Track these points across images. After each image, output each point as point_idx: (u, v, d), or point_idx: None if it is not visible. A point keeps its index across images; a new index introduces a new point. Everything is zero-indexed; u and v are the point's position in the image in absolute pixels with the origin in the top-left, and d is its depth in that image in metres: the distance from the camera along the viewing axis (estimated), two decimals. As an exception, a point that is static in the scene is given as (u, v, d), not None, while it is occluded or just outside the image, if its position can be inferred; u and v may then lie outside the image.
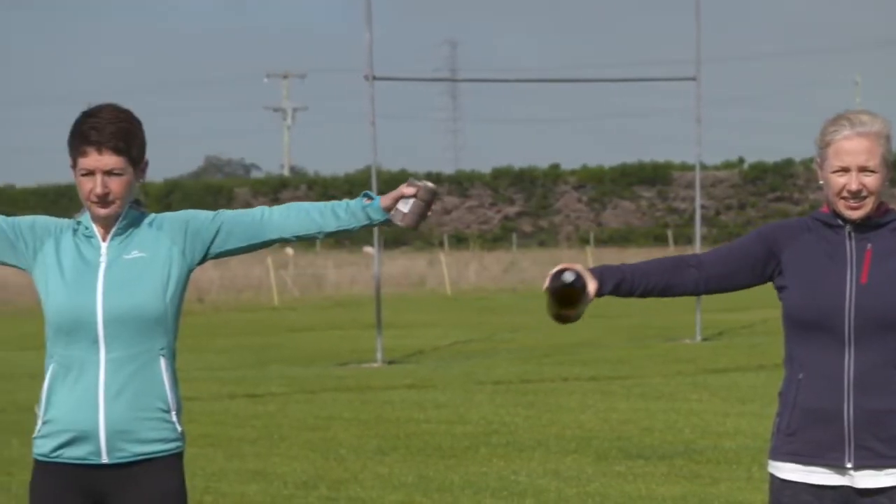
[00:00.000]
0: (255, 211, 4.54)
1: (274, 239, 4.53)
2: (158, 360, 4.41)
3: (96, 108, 4.39)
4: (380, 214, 4.50)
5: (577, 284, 4.37)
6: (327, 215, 4.51)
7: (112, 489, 4.38)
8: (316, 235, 4.52)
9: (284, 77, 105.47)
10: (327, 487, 10.22)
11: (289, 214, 4.52)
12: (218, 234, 4.49)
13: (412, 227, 4.51)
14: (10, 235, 4.45)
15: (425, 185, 4.49)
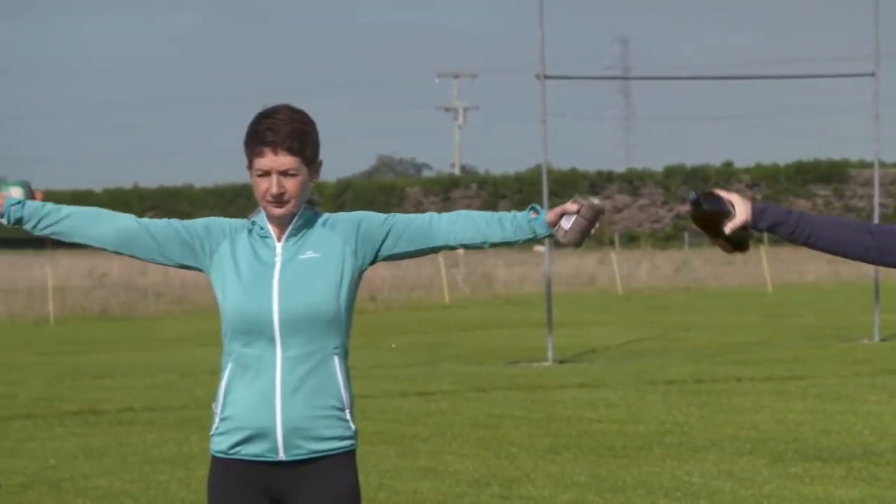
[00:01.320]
0: (425, 217, 4.55)
1: (440, 246, 4.54)
2: (333, 358, 4.44)
3: (272, 109, 4.43)
4: (544, 229, 4.47)
5: (700, 203, 4.27)
6: (493, 226, 4.51)
7: (288, 486, 4.43)
8: (481, 245, 4.52)
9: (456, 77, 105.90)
10: (499, 486, 10.23)
11: (456, 222, 4.52)
12: (388, 237, 4.52)
13: (574, 245, 4.47)
14: (187, 239, 4.51)
15: (590, 203, 4.45)
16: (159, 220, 4.56)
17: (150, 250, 4.51)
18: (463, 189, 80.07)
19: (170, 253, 4.51)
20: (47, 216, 4.51)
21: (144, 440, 12.81)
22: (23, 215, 4.49)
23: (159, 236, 4.51)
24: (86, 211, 4.55)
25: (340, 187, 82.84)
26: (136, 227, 4.52)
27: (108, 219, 4.53)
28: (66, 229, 4.51)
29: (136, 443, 12.67)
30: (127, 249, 4.51)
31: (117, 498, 10.07)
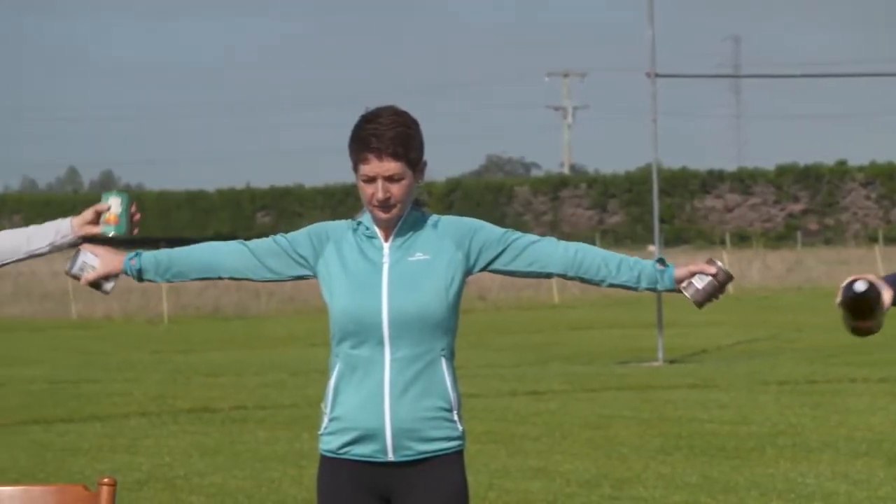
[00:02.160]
0: (545, 242, 4.52)
1: (555, 274, 4.52)
2: (440, 360, 4.45)
3: (375, 114, 4.42)
4: (670, 285, 4.45)
5: (869, 294, 4.22)
6: (612, 268, 4.47)
7: (397, 486, 4.44)
8: (597, 284, 4.51)
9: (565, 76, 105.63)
10: (610, 486, 10.19)
11: (576, 255, 4.49)
12: (503, 253, 4.50)
13: (699, 306, 4.48)
14: (291, 252, 4.53)
15: (725, 270, 4.46)
16: (263, 240, 4.59)
17: (260, 272, 4.55)
18: (572, 188, 79.82)
19: (279, 269, 4.55)
20: (161, 262, 4.59)
21: (256, 438, 12.93)
22: (141, 266, 4.58)
23: (266, 256, 4.55)
24: (194, 249, 4.61)
25: (449, 187, 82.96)
26: (244, 253, 4.57)
27: (215, 251, 4.59)
28: (181, 269, 4.58)
29: (249, 440, 12.79)
30: (240, 275, 4.57)
31: (231, 495, 10.17)
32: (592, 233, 72.05)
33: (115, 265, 4.58)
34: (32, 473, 11.09)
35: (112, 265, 4.58)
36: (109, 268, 4.58)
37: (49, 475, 10.99)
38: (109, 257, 4.57)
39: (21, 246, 4.65)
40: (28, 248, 4.65)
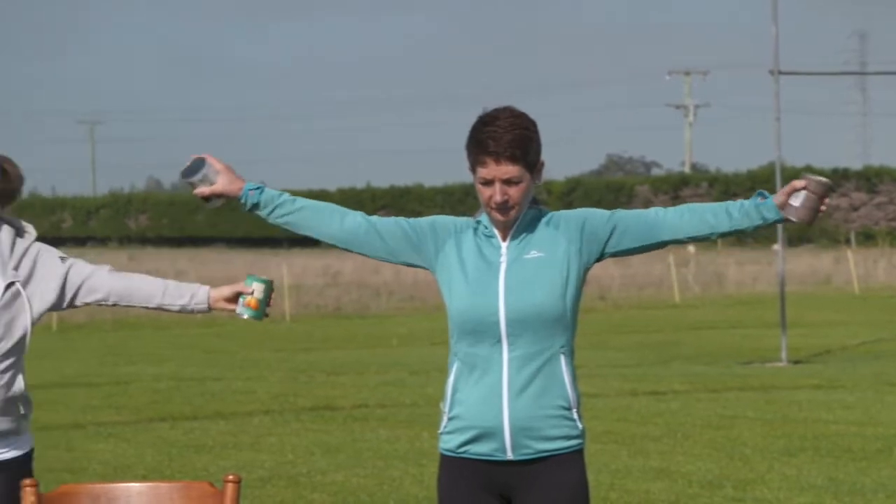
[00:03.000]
0: (650, 212, 4.51)
1: (667, 240, 4.48)
2: (559, 357, 4.43)
3: (492, 116, 4.40)
4: (774, 213, 4.39)
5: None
6: (720, 216, 4.44)
7: (517, 485, 4.44)
8: (709, 236, 4.45)
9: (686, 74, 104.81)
10: (733, 487, 10.10)
11: (682, 215, 4.47)
12: (613, 233, 4.48)
13: (806, 223, 4.39)
14: (413, 237, 4.53)
15: (817, 179, 4.39)
16: (387, 217, 4.59)
17: (377, 248, 4.54)
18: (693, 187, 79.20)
19: (397, 251, 4.54)
20: (282, 205, 4.57)
21: (377, 436, 13.00)
22: (259, 201, 4.54)
23: (386, 234, 4.54)
24: (318, 205, 4.60)
25: (569, 186, 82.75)
26: (364, 225, 4.56)
27: (338, 214, 4.58)
28: (298, 220, 4.56)
29: (370, 439, 12.86)
30: (355, 246, 4.55)
31: (353, 493, 10.23)
32: (714, 232, 71.15)
33: (234, 189, 4.54)
34: (159, 470, 11.25)
35: (232, 188, 4.54)
36: (228, 189, 4.54)
37: (175, 472, 11.14)
38: (230, 178, 4.55)
39: (155, 296, 4.74)
40: (160, 301, 4.74)
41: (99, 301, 4.70)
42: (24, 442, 4.66)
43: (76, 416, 14.66)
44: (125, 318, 32.35)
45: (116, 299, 4.72)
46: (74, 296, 4.68)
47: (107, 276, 4.72)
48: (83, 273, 4.69)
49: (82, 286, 4.68)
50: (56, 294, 4.64)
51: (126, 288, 4.72)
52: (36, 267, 4.63)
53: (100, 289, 4.70)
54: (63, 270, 4.66)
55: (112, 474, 10.93)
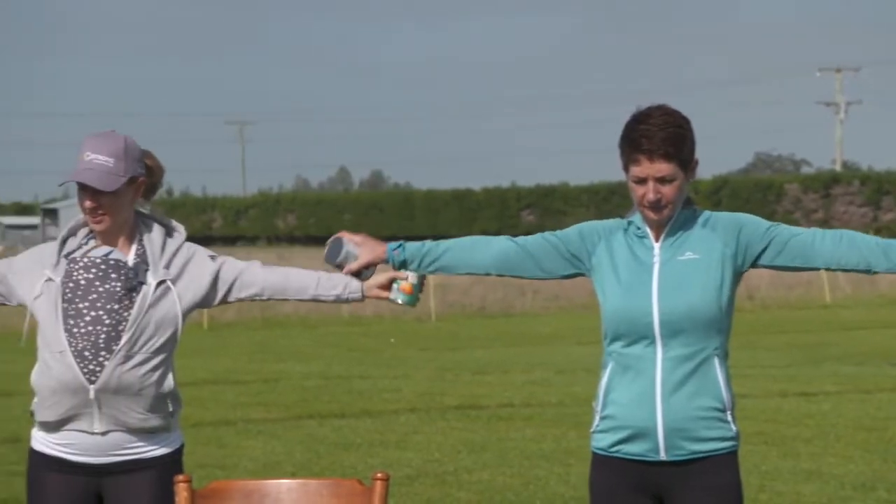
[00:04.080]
0: (808, 233, 4.43)
1: (819, 267, 4.43)
2: (713, 359, 4.39)
3: (646, 113, 4.38)
4: None
5: None
6: (878, 255, 4.37)
7: (670, 485, 4.40)
8: (863, 272, 4.40)
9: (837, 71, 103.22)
10: (886, 490, 9.91)
11: (838, 245, 4.40)
12: (768, 248, 4.43)
13: None
14: (563, 250, 4.53)
15: None
16: (532, 237, 4.60)
17: (530, 269, 4.57)
18: (844, 185, 77.95)
19: (549, 267, 4.56)
20: (428, 254, 4.63)
21: (523, 435, 12.98)
22: (405, 258, 4.62)
23: (537, 253, 4.56)
24: (462, 242, 4.64)
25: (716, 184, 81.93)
26: (514, 248, 4.58)
27: (483, 245, 4.62)
28: (448, 263, 4.62)
29: (516, 438, 12.85)
30: (509, 272, 4.59)
31: (499, 492, 10.23)
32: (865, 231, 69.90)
33: (378, 255, 4.64)
34: (307, 467, 11.36)
35: (375, 255, 4.64)
36: (372, 257, 4.64)
37: (323, 469, 11.23)
38: (372, 246, 4.64)
39: (309, 287, 4.76)
40: (315, 292, 4.76)
41: (253, 296, 4.74)
42: (175, 439, 4.72)
43: (226, 413, 14.85)
44: (274, 317, 32.74)
45: (271, 293, 4.76)
46: (228, 292, 4.73)
47: (260, 270, 4.77)
48: (236, 269, 4.74)
49: (236, 282, 4.73)
50: (205, 291, 4.69)
51: (280, 281, 4.76)
52: (186, 265, 4.69)
53: (254, 283, 4.75)
54: (214, 268, 4.71)
55: (262, 471, 11.06)
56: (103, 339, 4.55)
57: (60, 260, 4.66)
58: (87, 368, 4.54)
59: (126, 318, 4.57)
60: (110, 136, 4.67)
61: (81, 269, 4.62)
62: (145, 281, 4.62)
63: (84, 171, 4.59)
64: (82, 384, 4.54)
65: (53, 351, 4.57)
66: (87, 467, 4.62)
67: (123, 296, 4.59)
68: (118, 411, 4.58)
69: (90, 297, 4.58)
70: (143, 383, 4.58)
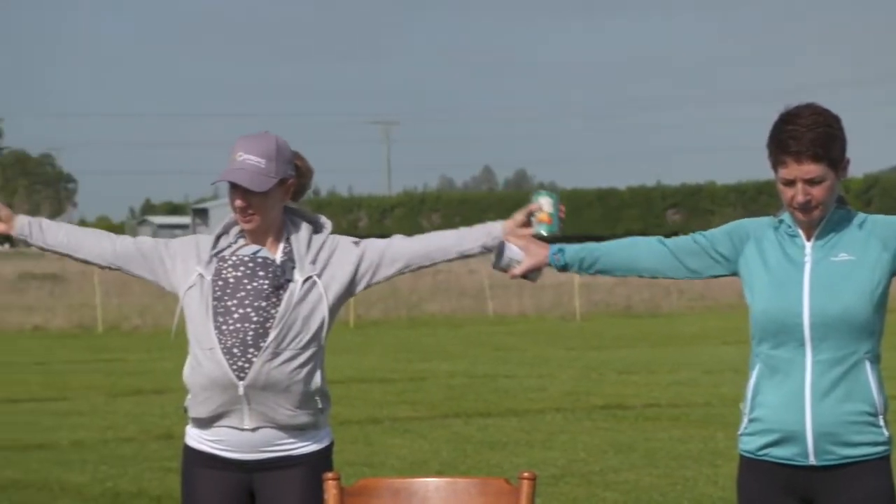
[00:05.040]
0: None
1: None
2: (864, 363, 4.31)
3: (794, 113, 4.30)
4: None
5: None
6: None
7: (820, 490, 4.33)
8: None
9: None
10: None
11: None
12: None
13: None
14: (711, 250, 4.48)
15: None
16: (682, 238, 4.56)
17: (680, 270, 4.54)
18: None
19: (698, 267, 4.52)
20: (587, 257, 4.61)
21: (670, 436, 12.89)
22: (566, 262, 4.62)
23: (686, 254, 4.52)
24: (619, 245, 4.61)
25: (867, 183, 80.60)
26: (663, 250, 4.55)
27: (640, 248, 4.58)
28: (607, 265, 4.59)
29: (662, 438, 12.76)
30: (661, 273, 4.57)
31: (645, 492, 10.16)
32: None
33: (540, 259, 4.64)
34: (454, 465, 11.38)
35: (538, 259, 4.65)
36: (535, 261, 4.65)
37: (469, 468, 11.25)
38: (534, 250, 4.64)
39: (453, 246, 4.79)
40: (459, 249, 4.79)
41: (401, 269, 4.77)
42: (324, 436, 4.75)
43: (373, 411, 14.95)
44: (420, 316, 32.91)
45: (419, 262, 4.79)
46: (374, 273, 4.76)
47: (403, 242, 4.81)
48: (379, 248, 4.78)
49: (382, 261, 4.76)
50: (350, 277, 4.71)
51: (424, 248, 4.80)
52: (331, 257, 4.73)
53: (400, 257, 4.78)
54: (358, 252, 4.75)
55: (408, 469, 11.11)
56: (251, 337, 4.60)
57: (212, 258, 4.72)
58: (235, 365, 4.60)
59: (273, 315, 4.61)
60: (262, 136, 4.72)
61: (230, 268, 4.67)
62: (292, 278, 4.67)
63: (236, 171, 4.64)
64: (232, 381, 4.60)
65: (204, 348, 4.64)
66: (238, 463, 4.68)
67: (271, 293, 4.63)
68: (267, 408, 4.62)
69: (238, 294, 4.64)
70: (291, 380, 4.62)
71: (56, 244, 4.82)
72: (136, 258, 4.80)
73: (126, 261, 4.80)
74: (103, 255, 4.81)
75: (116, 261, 4.81)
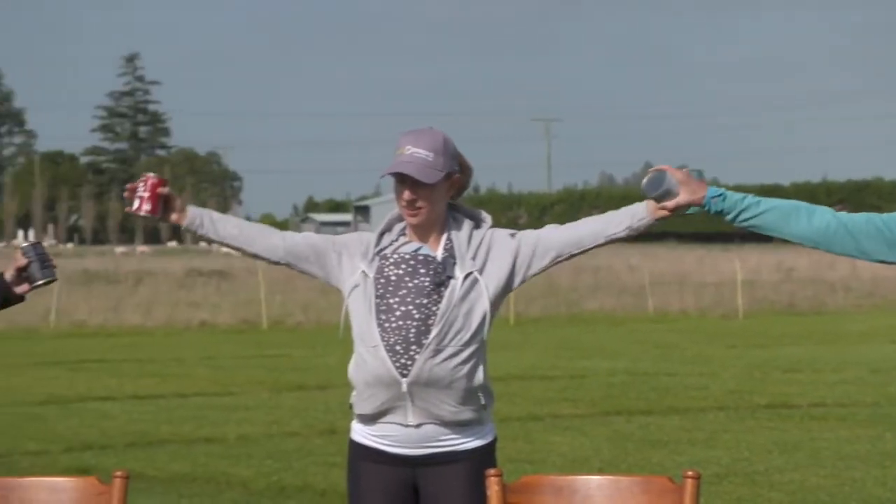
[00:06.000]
0: None
1: None
2: None
3: None
4: None
5: None
6: None
7: None
8: None
9: None
10: None
11: None
12: None
13: None
14: (887, 233, 4.35)
15: None
16: (857, 215, 4.42)
17: (848, 247, 4.40)
18: None
19: (869, 249, 4.38)
20: (747, 209, 4.49)
21: (837, 436, 12.67)
22: (723, 208, 4.50)
23: (859, 233, 4.38)
24: (784, 205, 4.47)
25: None
26: (836, 224, 4.40)
27: (806, 213, 4.45)
28: (765, 223, 4.47)
29: (828, 438, 12.55)
30: (823, 245, 4.42)
31: (811, 492, 10.01)
32: None
33: (697, 198, 4.51)
34: (615, 463, 11.33)
35: (695, 198, 4.51)
36: (692, 198, 4.52)
37: (630, 466, 11.19)
38: (693, 187, 4.51)
39: (602, 231, 4.76)
40: (606, 233, 4.75)
41: (555, 260, 4.76)
42: (488, 432, 4.76)
43: (533, 409, 14.94)
44: (579, 314, 32.83)
45: (570, 249, 4.76)
46: (530, 264, 4.75)
47: (554, 232, 4.79)
48: (532, 239, 4.77)
49: (536, 251, 4.75)
50: (509, 271, 4.71)
51: (574, 234, 4.77)
52: (490, 252, 4.73)
53: (553, 246, 4.77)
54: (514, 245, 4.75)
55: (569, 466, 11.09)
56: (413, 334, 4.62)
57: (375, 256, 4.76)
58: (398, 362, 4.62)
59: (435, 312, 4.63)
60: (429, 131, 4.75)
61: (392, 265, 4.70)
62: (453, 275, 4.67)
63: (404, 164, 4.67)
64: (395, 378, 4.63)
65: (367, 345, 4.67)
66: (403, 458, 4.71)
67: (432, 290, 4.65)
68: (430, 404, 4.64)
69: (400, 292, 4.66)
70: (453, 376, 4.63)
71: (227, 236, 4.86)
72: (306, 253, 4.84)
73: (296, 256, 4.84)
74: (275, 251, 4.85)
75: (287, 256, 4.84)
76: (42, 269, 4.82)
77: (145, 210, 4.76)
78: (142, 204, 4.76)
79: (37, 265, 4.82)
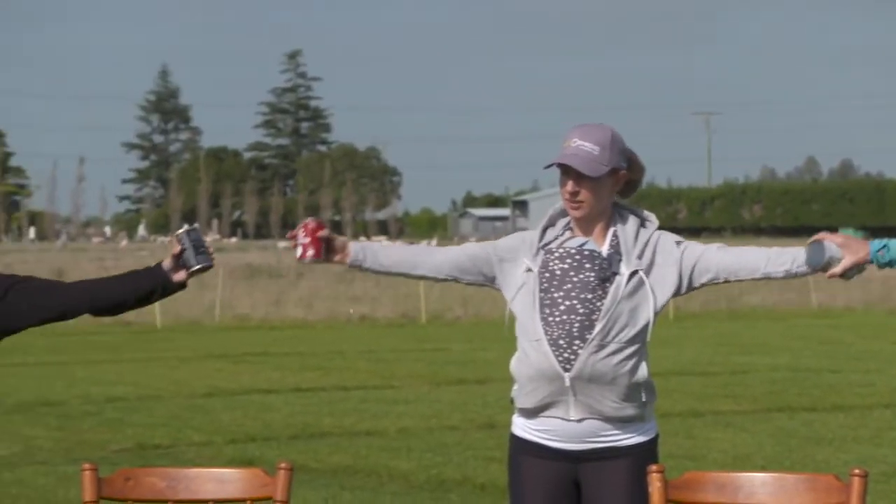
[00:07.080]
0: None
1: None
2: None
3: None
4: None
5: None
6: None
7: None
8: None
9: None
10: None
11: None
12: None
13: None
14: None
15: None
16: None
17: None
18: None
19: None
20: None
21: None
22: (891, 258, 4.53)
23: None
24: None
25: None
26: None
27: None
28: None
29: None
30: None
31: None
32: None
33: (861, 256, 4.54)
34: (778, 461, 11.19)
35: (859, 256, 4.55)
36: (856, 259, 4.55)
37: (794, 463, 11.05)
38: (855, 248, 4.54)
39: (760, 267, 4.71)
40: (765, 270, 4.70)
41: (711, 280, 4.73)
42: (649, 428, 4.74)
43: (693, 404, 14.83)
44: (740, 309, 32.47)
45: (726, 276, 4.73)
46: (690, 278, 4.73)
47: (715, 254, 4.75)
48: (695, 254, 4.74)
49: (695, 268, 4.72)
50: (675, 278, 4.70)
51: (733, 263, 4.73)
52: (656, 254, 4.71)
53: (711, 268, 4.73)
54: (678, 254, 4.72)
55: (731, 463, 10.98)
56: (577, 328, 4.62)
57: (539, 250, 4.77)
58: (562, 357, 4.63)
59: (599, 307, 4.62)
60: (598, 126, 4.76)
61: (557, 260, 4.71)
62: (618, 271, 4.67)
63: (569, 156, 4.69)
64: (558, 372, 4.63)
65: (531, 339, 4.68)
66: (564, 453, 4.71)
67: (597, 286, 4.64)
68: (592, 399, 4.64)
69: (565, 286, 4.66)
70: (616, 372, 4.63)
71: (390, 265, 4.90)
72: (467, 266, 4.86)
73: (461, 270, 4.87)
74: (440, 269, 4.89)
75: (453, 272, 4.88)
76: (197, 256, 4.82)
77: (310, 256, 4.78)
78: (305, 250, 4.79)
79: (191, 252, 4.82)
